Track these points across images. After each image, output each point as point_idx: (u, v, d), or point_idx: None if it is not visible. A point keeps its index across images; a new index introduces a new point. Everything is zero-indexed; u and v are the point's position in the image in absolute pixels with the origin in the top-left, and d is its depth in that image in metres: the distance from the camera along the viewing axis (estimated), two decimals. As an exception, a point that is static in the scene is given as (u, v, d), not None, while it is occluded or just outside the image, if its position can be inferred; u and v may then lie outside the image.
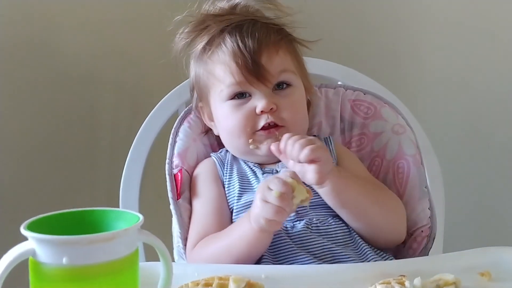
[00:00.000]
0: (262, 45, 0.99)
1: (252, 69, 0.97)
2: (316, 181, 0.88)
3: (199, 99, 1.09)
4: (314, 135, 1.10)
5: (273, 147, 0.90)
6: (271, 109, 0.98)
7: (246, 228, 0.88)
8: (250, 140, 0.99)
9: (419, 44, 1.70)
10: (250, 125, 0.99)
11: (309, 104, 1.11)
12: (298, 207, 0.90)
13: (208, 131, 1.12)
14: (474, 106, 1.66)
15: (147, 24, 1.62)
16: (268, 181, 0.85)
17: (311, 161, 0.86)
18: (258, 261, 0.91)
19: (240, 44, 0.98)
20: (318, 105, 1.16)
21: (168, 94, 1.22)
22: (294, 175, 0.85)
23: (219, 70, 1.01)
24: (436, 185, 1.21)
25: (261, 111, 0.98)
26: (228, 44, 0.99)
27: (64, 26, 1.54)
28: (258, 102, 0.98)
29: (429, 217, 1.02)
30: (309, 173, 0.87)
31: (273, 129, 0.99)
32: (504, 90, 1.63)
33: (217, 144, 1.13)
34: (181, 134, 1.10)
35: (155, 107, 1.22)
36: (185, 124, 1.12)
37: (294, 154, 0.87)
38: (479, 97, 1.65)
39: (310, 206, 0.93)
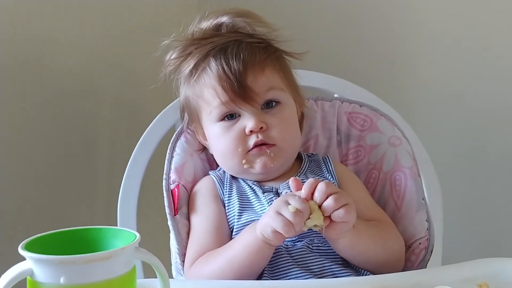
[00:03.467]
0: (247, 66, 0.99)
1: (238, 91, 0.97)
2: (334, 239, 0.89)
3: (191, 120, 1.09)
4: (312, 154, 1.11)
5: (293, 183, 0.88)
6: (261, 128, 0.98)
7: (250, 238, 0.88)
8: (244, 161, 0.99)
9: (415, 56, 1.70)
10: (241, 146, 0.99)
11: (302, 118, 1.11)
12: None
13: (204, 149, 1.12)
14: (471, 117, 1.66)
15: (144, 40, 1.62)
16: (287, 196, 0.85)
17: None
18: (257, 279, 0.91)
19: (225, 67, 0.98)
20: (314, 118, 1.16)
21: (165, 109, 1.23)
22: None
23: (206, 93, 1.01)
24: (434, 197, 1.21)
25: (251, 131, 0.98)
26: (213, 68, 1.00)
27: (62, 43, 1.54)
28: (247, 122, 0.98)
29: (427, 229, 1.02)
30: (332, 231, 0.86)
31: (264, 146, 0.99)
32: (501, 102, 1.63)
33: (214, 159, 1.13)
34: (178, 149, 1.10)
35: (152, 122, 1.22)
36: (182, 139, 1.11)
37: (327, 208, 0.84)
38: (476, 109, 1.65)
39: (312, 230, 0.92)
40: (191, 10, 1.76)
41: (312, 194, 0.85)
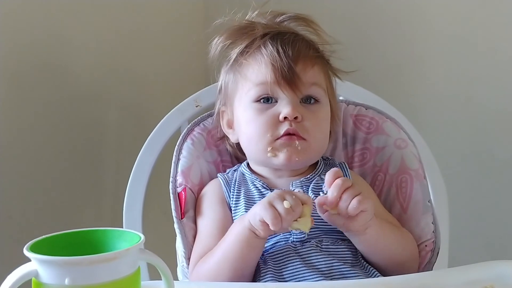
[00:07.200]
0: (300, 55, 1.00)
1: (286, 74, 0.97)
2: (361, 231, 0.90)
3: (223, 102, 1.08)
4: (328, 157, 1.10)
5: (318, 200, 0.89)
6: (295, 118, 0.97)
7: (239, 227, 0.89)
8: (269, 148, 0.97)
9: (421, 59, 1.70)
10: (270, 132, 0.97)
11: (330, 133, 1.08)
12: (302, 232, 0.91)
13: (222, 138, 1.11)
14: (477, 119, 1.66)
15: (150, 44, 1.63)
16: (285, 192, 0.87)
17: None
18: (263, 278, 0.91)
19: (280, 49, 0.99)
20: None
21: (170, 111, 1.23)
22: (310, 203, 0.86)
23: (252, 70, 1.01)
24: (440, 199, 1.21)
25: (285, 118, 0.97)
26: (268, 48, 1.00)
27: (68, 47, 1.55)
28: (283, 108, 0.97)
29: (433, 231, 1.02)
30: (355, 223, 0.89)
31: (295, 136, 0.97)
32: (507, 105, 1.62)
33: (220, 160, 1.13)
34: (184, 152, 1.09)
35: (157, 125, 1.22)
36: (188, 141, 1.11)
37: (343, 206, 0.87)
38: (482, 111, 1.65)
39: (321, 230, 0.94)
40: (198, 15, 1.77)
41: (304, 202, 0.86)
